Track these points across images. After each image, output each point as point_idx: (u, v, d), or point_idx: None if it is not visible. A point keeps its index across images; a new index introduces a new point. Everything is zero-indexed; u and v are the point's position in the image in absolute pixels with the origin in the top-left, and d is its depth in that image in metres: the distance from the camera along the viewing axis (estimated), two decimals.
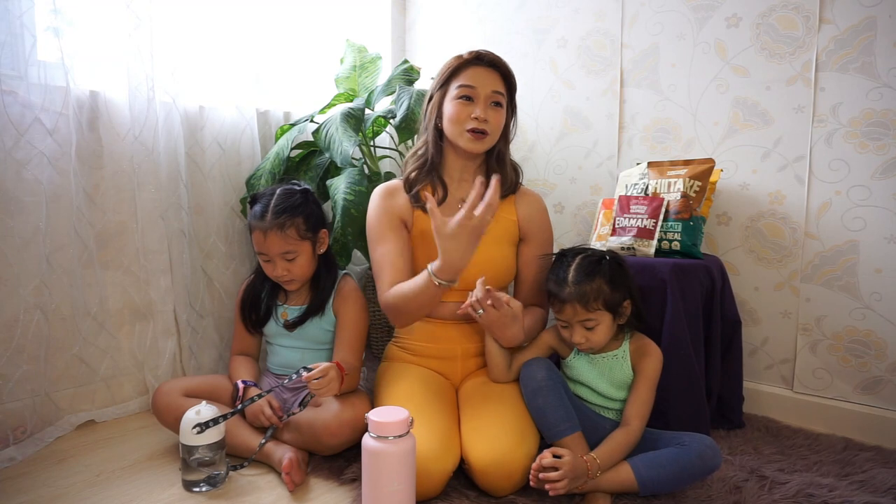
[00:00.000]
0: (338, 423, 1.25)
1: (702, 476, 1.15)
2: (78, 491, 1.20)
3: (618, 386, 1.25)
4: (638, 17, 1.83)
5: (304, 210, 1.42)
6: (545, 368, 1.24)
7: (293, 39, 2.04)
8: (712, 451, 1.13)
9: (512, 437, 1.15)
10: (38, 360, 1.43)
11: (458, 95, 1.34)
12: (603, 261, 1.24)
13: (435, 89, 1.40)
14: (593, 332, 1.21)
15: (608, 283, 1.20)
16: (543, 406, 1.19)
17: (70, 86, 1.46)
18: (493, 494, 1.15)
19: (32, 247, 1.42)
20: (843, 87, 1.50)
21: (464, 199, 1.41)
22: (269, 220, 1.37)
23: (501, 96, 1.36)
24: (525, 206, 1.45)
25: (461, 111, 1.33)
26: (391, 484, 1.01)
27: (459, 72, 1.36)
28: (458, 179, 1.43)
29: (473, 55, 1.36)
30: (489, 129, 1.34)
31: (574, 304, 1.20)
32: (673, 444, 1.16)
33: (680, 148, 1.77)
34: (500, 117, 1.37)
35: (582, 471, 1.09)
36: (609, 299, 1.20)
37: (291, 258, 1.40)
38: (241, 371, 1.45)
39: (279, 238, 1.37)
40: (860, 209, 1.49)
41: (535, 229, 1.44)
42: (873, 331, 1.49)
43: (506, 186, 1.43)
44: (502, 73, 1.38)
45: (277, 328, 1.48)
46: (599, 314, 1.20)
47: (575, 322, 1.22)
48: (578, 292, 1.19)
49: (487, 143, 1.37)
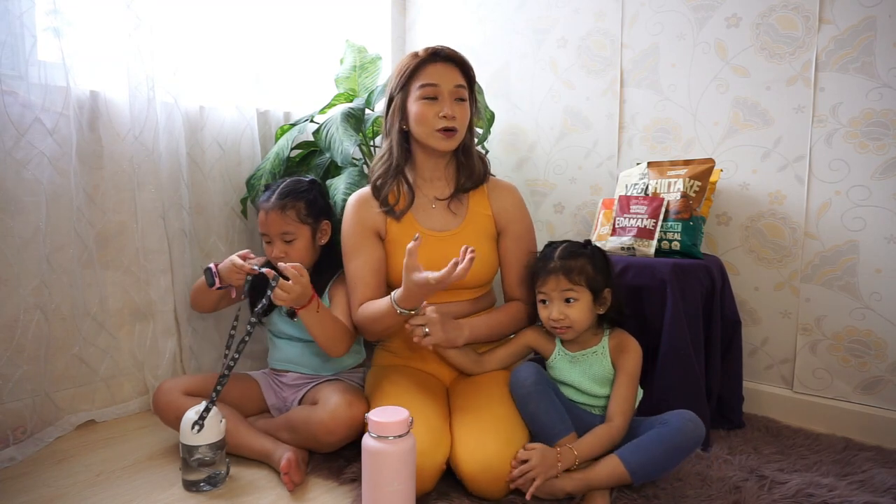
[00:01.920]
0: (334, 420, 1.25)
1: (689, 450, 1.14)
2: (78, 491, 1.21)
3: (600, 382, 1.25)
4: (638, 17, 1.83)
5: (308, 196, 1.48)
6: (534, 373, 1.23)
7: (293, 39, 2.04)
8: (694, 424, 1.13)
9: (499, 442, 1.14)
10: (38, 360, 1.43)
11: (421, 96, 1.32)
12: (588, 245, 1.31)
13: (395, 91, 1.37)
14: (571, 308, 1.23)
15: (591, 265, 1.25)
16: (535, 411, 1.19)
17: (70, 86, 1.46)
18: (486, 498, 1.15)
19: (32, 247, 1.42)
20: (843, 87, 1.50)
21: (437, 196, 1.42)
22: (272, 200, 1.43)
23: (464, 89, 1.35)
24: (498, 199, 1.44)
25: (427, 111, 1.32)
26: (391, 484, 1.01)
27: (419, 71, 1.33)
28: (430, 178, 1.43)
29: (430, 52, 1.34)
30: (458, 126, 1.33)
31: (558, 274, 1.24)
32: (654, 425, 1.16)
33: (680, 148, 1.77)
34: (466, 111, 1.36)
35: (552, 461, 1.10)
36: (591, 278, 1.24)
37: (289, 240, 1.43)
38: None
39: (279, 218, 1.41)
40: (860, 209, 1.49)
41: (511, 220, 1.43)
42: (873, 331, 1.49)
43: (473, 178, 1.42)
44: (461, 67, 1.36)
45: (280, 316, 1.48)
46: (580, 290, 1.23)
47: (555, 295, 1.24)
48: (563, 265, 1.25)
49: (457, 140, 1.36)
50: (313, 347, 1.47)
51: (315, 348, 1.47)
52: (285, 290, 1.21)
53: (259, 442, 1.30)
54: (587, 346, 1.27)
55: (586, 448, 1.14)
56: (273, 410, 1.47)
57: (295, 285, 1.21)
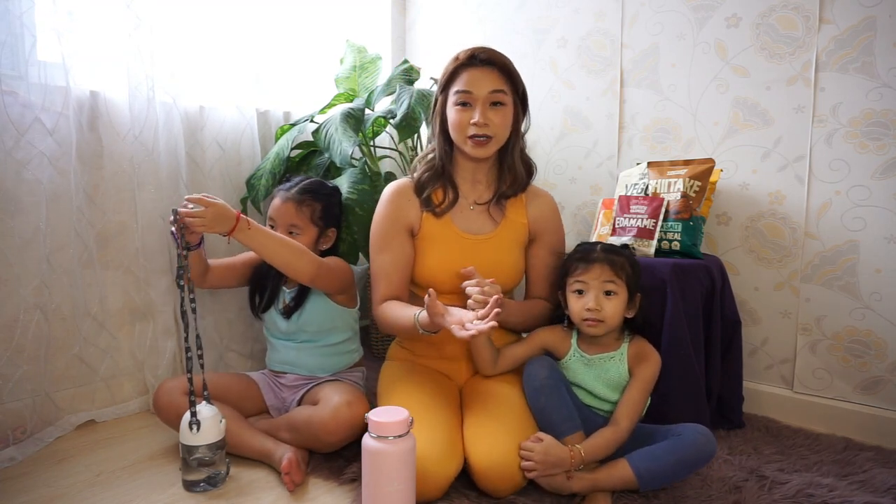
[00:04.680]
0: (335, 420, 1.25)
1: (699, 465, 1.15)
2: (78, 491, 1.21)
3: (614, 388, 1.25)
4: (638, 17, 1.83)
5: (327, 201, 1.51)
6: (547, 367, 1.24)
7: (293, 39, 2.04)
8: (706, 439, 1.14)
9: (513, 440, 1.15)
10: (38, 360, 1.43)
11: (456, 102, 1.32)
12: (625, 248, 1.33)
13: (438, 94, 1.38)
14: (609, 301, 1.22)
15: (630, 266, 1.26)
16: (546, 405, 1.20)
17: (70, 86, 1.45)
18: (494, 495, 1.15)
19: (32, 247, 1.42)
20: (843, 87, 1.50)
21: (476, 200, 1.41)
22: (293, 192, 1.46)
23: (502, 94, 1.32)
24: (536, 208, 1.43)
25: (460, 118, 1.31)
26: (391, 484, 1.01)
27: (456, 76, 1.33)
28: (471, 181, 1.42)
29: (467, 56, 1.32)
30: (491, 133, 1.31)
31: (603, 264, 1.24)
32: (668, 436, 1.17)
33: (680, 148, 1.77)
34: (504, 116, 1.33)
35: (559, 457, 1.11)
36: (630, 276, 1.24)
37: (294, 233, 1.44)
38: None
39: (294, 210, 1.44)
40: (860, 209, 1.49)
41: (545, 230, 1.43)
42: (873, 331, 1.49)
43: (515, 186, 1.41)
44: (501, 69, 1.32)
45: (278, 317, 1.48)
46: (621, 284, 1.23)
47: (596, 284, 1.23)
48: (608, 257, 1.25)
49: (492, 147, 1.34)
50: (311, 349, 1.47)
51: (313, 351, 1.47)
52: (198, 215, 1.18)
53: (259, 442, 1.30)
54: (606, 349, 1.27)
55: (592, 450, 1.15)
56: (272, 411, 1.47)
57: (206, 209, 1.19)
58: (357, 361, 1.56)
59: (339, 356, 1.51)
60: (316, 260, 1.35)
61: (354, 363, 1.55)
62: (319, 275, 1.35)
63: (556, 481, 1.13)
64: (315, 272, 1.34)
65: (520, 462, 1.13)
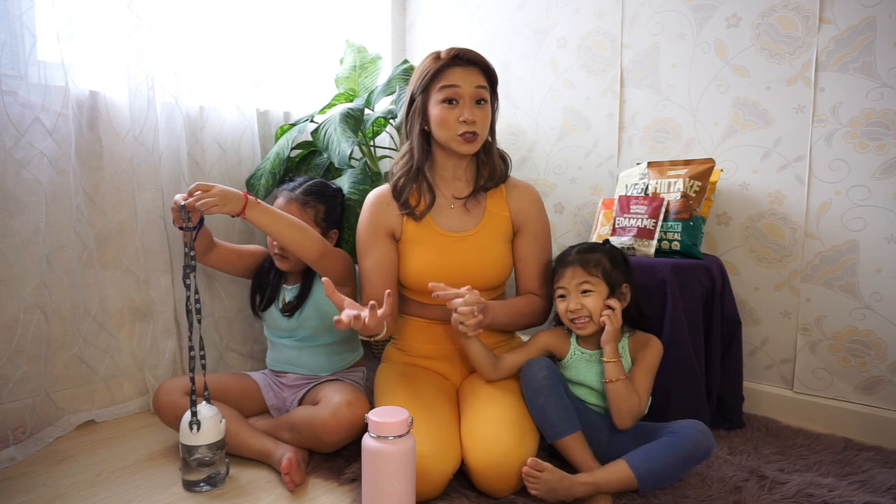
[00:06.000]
0: (336, 420, 1.25)
1: (698, 461, 1.15)
2: (78, 491, 1.21)
3: None
4: (638, 17, 1.83)
5: (331, 202, 1.52)
6: (546, 368, 1.24)
7: (293, 40, 2.04)
8: (704, 435, 1.14)
9: (511, 439, 1.14)
10: (38, 360, 1.43)
11: (443, 99, 1.32)
12: (605, 243, 1.34)
13: (417, 92, 1.37)
14: (587, 298, 1.24)
15: (608, 259, 1.27)
16: (544, 406, 1.20)
17: (70, 86, 1.46)
18: (492, 495, 1.15)
19: (32, 247, 1.42)
20: (843, 87, 1.50)
21: (456, 195, 1.42)
22: (297, 192, 1.47)
23: (484, 90, 1.34)
24: (516, 199, 1.44)
25: (448, 115, 1.32)
26: (391, 484, 1.01)
27: (440, 74, 1.33)
28: (451, 179, 1.43)
29: (452, 55, 1.33)
30: (478, 130, 1.33)
31: (575, 266, 1.26)
32: (665, 433, 1.17)
33: (680, 148, 1.77)
34: (486, 114, 1.35)
35: (560, 490, 1.09)
36: (607, 271, 1.26)
37: None
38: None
39: (297, 210, 1.44)
40: (860, 209, 1.49)
41: (528, 219, 1.43)
42: (873, 331, 1.49)
43: (494, 177, 1.42)
44: (483, 69, 1.35)
45: (278, 317, 1.48)
46: (597, 281, 1.25)
47: (572, 286, 1.25)
48: (580, 258, 1.27)
49: (479, 143, 1.36)
50: (312, 347, 1.48)
51: (313, 351, 1.47)
52: (208, 195, 1.19)
53: (259, 442, 1.30)
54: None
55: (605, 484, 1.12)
56: (273, 411, 1.47)
57: (213, 189, 1.21)
58: (357, 360, 1.56)
59: (340, 355, 1.51)
60: (322, 240, 1.36)
61: (355, 362, 1.55)
62: (326, 254, 1.36)
63: (559, 494, 1.12)
64: (322, 250, 1.35)
65: (519, 464, 1.12)
